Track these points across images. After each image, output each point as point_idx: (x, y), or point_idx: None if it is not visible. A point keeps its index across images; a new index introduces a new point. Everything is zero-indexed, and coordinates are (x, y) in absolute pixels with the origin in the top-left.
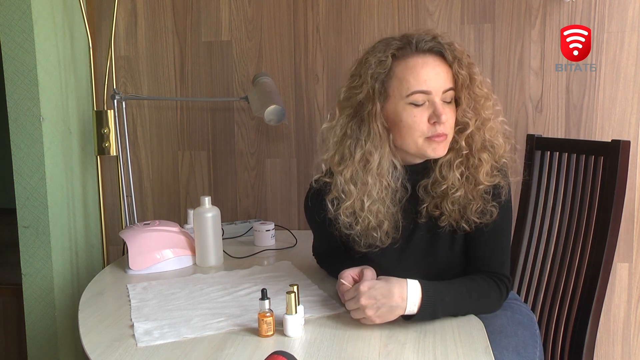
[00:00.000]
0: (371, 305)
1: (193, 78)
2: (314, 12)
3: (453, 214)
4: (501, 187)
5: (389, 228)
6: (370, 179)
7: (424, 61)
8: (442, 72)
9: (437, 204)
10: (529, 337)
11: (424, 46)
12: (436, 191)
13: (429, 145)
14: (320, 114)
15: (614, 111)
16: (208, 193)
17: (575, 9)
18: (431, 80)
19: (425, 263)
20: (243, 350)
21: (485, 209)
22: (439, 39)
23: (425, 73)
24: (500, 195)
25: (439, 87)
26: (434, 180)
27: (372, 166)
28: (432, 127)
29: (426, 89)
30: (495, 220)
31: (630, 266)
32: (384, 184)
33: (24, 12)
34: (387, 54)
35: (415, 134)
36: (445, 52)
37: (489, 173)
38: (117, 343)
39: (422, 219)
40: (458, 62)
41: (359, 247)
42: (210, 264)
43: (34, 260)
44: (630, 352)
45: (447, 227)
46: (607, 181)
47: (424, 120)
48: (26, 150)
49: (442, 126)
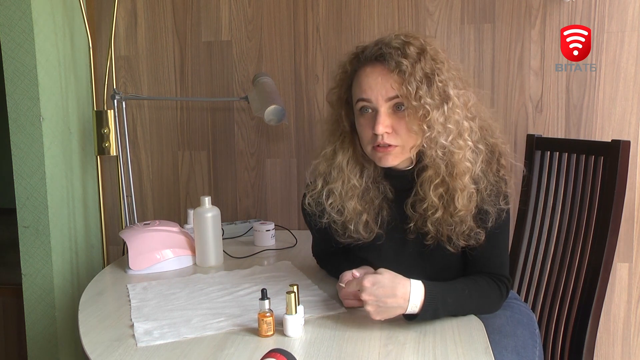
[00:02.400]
0: (372, 302)
1: (193, 78)
2: (314, 12)
3: (437, 234)
4: (487, 213)
5: (369, 222)
6: (335, 175)
7: (371, 69)
8: (385, 80)
9: (423, 221)
10: (529, 337)
11: (372, 55)
12: (419, 209)
13: (376, 155)
14: (320, 114)
15: (614, 111)
16: (208, 193)
17: (575, 9)
18: (371, 89)
19: (422, 265)
20: (243, 350)
21: (470, 233)
22: (386, 48)
23: (366, 82)
24: (487, 221)
25: (380, 95)
26: (417, 198)
27: (336, 163)
28: (374, 137)
29: (366, 97)
30: (494, 225)
31: (630, 266)
32: (351, 183)
33: (24, 12)
34: (347, 62)
35: (364, 141)
36: (389, 59)
37: (470, 198)
38: (117, 343)
39: (410, 235)
40: (399, 73)
41: (339, 237)
42: (210, 264)
43: (34, 260)
44: (630, 352)
45: (435, 244)
46: (607, 181)
47: (369, 130)
48: (26, 150)
49: (383, 137)
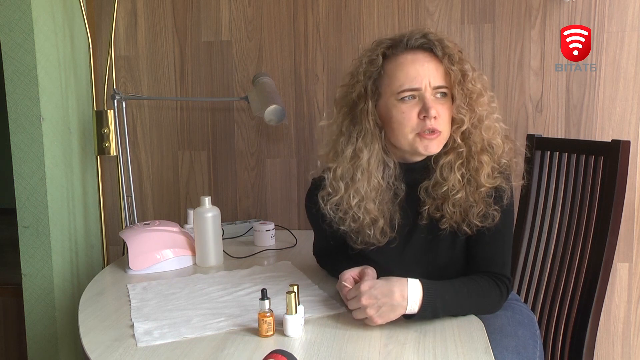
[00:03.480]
0: (372, 304)
1: (193, 78)
2: (314, 12)
3: (454, 216)
4: (503, 190)
5: (384, 226)
6: (359, 176)
7: (414, 58)
8: (432, 68)
9: (438, 205)
10: (529, 337)
11: (414, 43)
12: (437, 193)
13: (421, 142)
14: (320, 114)
15: (614, 111)
16: (208, 193)
17: (575, 9)
18: (420, 76)
19: (425, 262)
20: (243, 350)
21: (487, 212)
22: (429, 36)
23: (414, 69)
24: (502, 199)
25: (428, 83)
26: (435, 182)
27: (361, 162)
28: (421, 122)
29: (415, 86)
30: (497, 222)
31: (630, 266)
32: (374, 183)
33: (24, 12)
34: (378, 53)
35: (405, 129)
36: (435, 48)
37: (490, 175)
38: (117, 343)
39: (423, 221)
40: (449, 58)
41: (354, 244)
42: (210, 264)
43: (34, 260)
44: (630, 352)
45: (448, 229)
46: (607, 181)
47: (414, 116)
48: (26, 150)
49: (433, 121)
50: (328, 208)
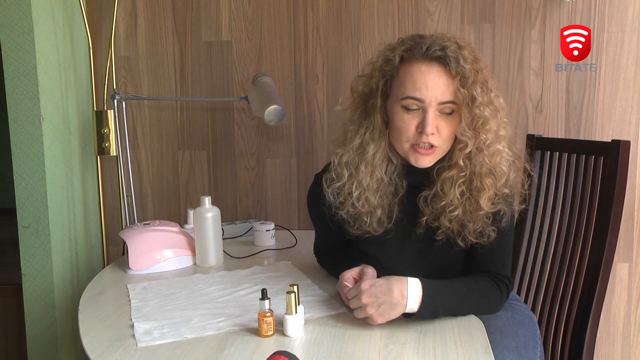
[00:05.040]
0: (372, 303)
1: (193, 78)
2: (314, 12)
3: (449, 231)
4: (503, 213)
5: (382, 216)
6: (363, 168)
7: (428, 69)
8: (442, 83)
9: (436, 217)
10: (530, 337)
11: (432, 54)
12: (435, 205)
13: (413, 154)
14: (320, 114)
15: (614, 111)
16: (208, 193)
17: (575, 9)
18: (427, 89)
19: (425, 261)
20: (243, 350)
21: (483, 231)
22: (448, 50)
23: (423, 81)
24: (501, 221)
25: (434, 97)
26: (434, 194)
27: (367, 156)
28: (417, 135)
29: (420, 97)
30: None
31: (630, 266)
32: (376, 176)
33: (24, 12)
34: (396, 54)
35: (402, 137)
36: (450, 64)
37: (492, 199)
38: (117, 343)
39: (420, 229)
40: (461, 79)
41: (350, 229)
42: (210, 264)
43: (34, 260)
44: (630, 352)
45: (444, 239)
46: (607, 181)
47: (412, 127)
48: (26, 150)
49: (429, 137)
50: (329, 192)
